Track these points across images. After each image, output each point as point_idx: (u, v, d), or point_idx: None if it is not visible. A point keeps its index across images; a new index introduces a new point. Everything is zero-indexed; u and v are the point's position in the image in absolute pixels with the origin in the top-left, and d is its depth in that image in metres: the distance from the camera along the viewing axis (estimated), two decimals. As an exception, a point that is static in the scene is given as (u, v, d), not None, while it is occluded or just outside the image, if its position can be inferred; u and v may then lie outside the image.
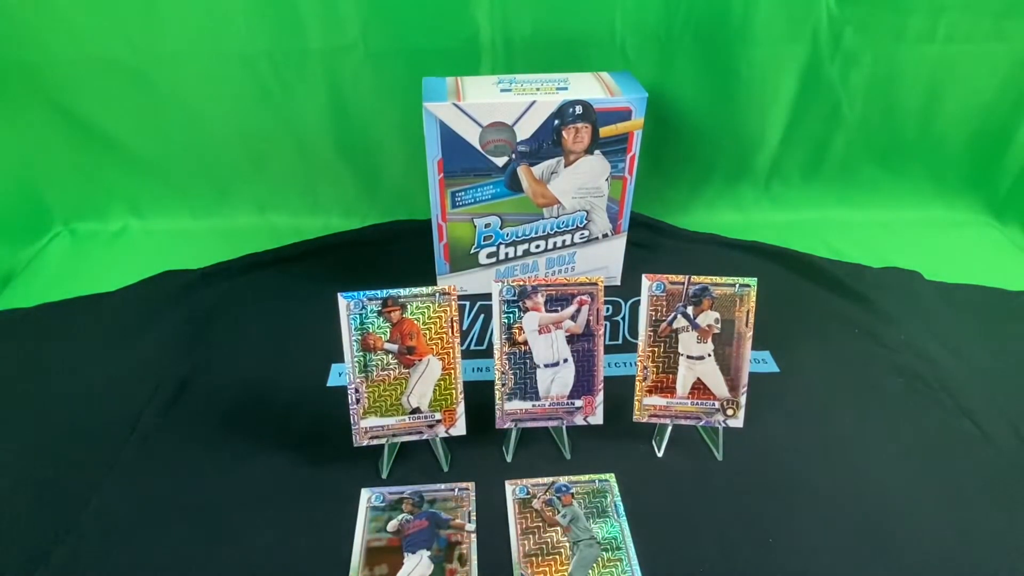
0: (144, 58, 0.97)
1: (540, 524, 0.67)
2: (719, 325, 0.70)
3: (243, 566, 0.63)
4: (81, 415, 0.78)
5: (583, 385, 0.71)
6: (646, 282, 0.70)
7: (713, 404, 0.72)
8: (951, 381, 0.83)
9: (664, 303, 0.70)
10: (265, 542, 0.65)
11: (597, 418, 0.73)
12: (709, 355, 0.71)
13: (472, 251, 0.93)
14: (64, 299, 0.96)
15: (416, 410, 0.69)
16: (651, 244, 1.08)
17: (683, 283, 0.70)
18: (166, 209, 1.14)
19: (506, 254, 0.94)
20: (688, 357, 0.71)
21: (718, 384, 0.71)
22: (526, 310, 0.69)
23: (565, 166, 0.86)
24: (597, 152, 0.86)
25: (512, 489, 0.71)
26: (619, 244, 0.96)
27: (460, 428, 0.71)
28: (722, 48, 1.01)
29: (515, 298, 0.69)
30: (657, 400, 0.73)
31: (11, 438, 0.76)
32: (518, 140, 0.83)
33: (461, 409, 0.70)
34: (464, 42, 0.98)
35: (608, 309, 0.96)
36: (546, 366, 0.71)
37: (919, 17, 0.99)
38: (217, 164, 1.10)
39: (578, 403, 0.72)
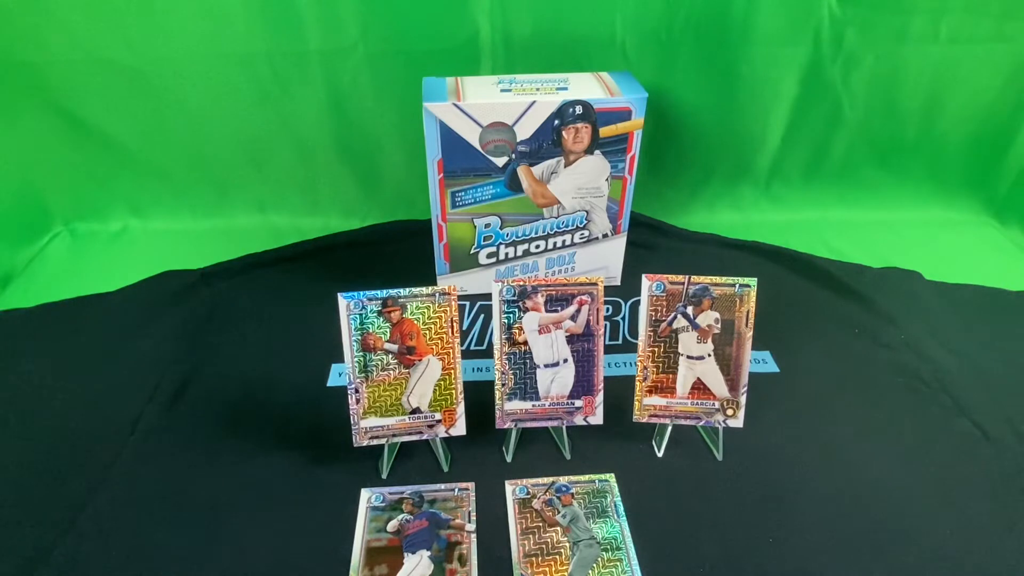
0: (144, 59, 0.97)
1: (540, 524, 0.67)
2: (719, 325, 0.70)
3: (243, 566, 0.63)
4: (81, 415, 0.78)
5: (583, 385, 0.71)
6: (646, 282, 0.70)
7: (713, 404, 0.72)
8: (951, 381, 0.83)
9: (664, 303, 0.70)
10: (265, 542, 0.65)
11: (597, 418, 0.73)
12: (709, 355, 0.71)
13: (472, 251, 0.93)
14: (64, 299, 0.96)
15: (416, 410, 0.69)
16: (651, 244, 1.08)
17: (683, 283, 0.70)
18: (166, 209, 1.14)
19: (506, 254, 0.94)
20: (688, 357, 0.71)
21: (718, 384, 0.71)
22: (526, 310, 0.69)
23: (565, 166, 0.86)
24: (597, 152, 0.86)
25: (512, 489, 0.71)
26: (619, 244, 0.96)
27: (460, 428, 0.71)
28: (723, 48, 1.00)
29: (515, 298, 0.69)
30: (657, 400, 0.73)
31: (11, 438, 0.76)
32: (518, 140, 0.83)
33: (461, 409, 0.70)
34: (464, 42, 0.98)
35: (608, 309, 0.96)
36: (546, 366, 0.71)
37: (921, 18, 0.99)
38: (217, 164, 1.10)
39: (578, 403, 0.72)
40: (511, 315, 0.69)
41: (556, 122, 0.82)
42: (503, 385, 0.71)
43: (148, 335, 0.90)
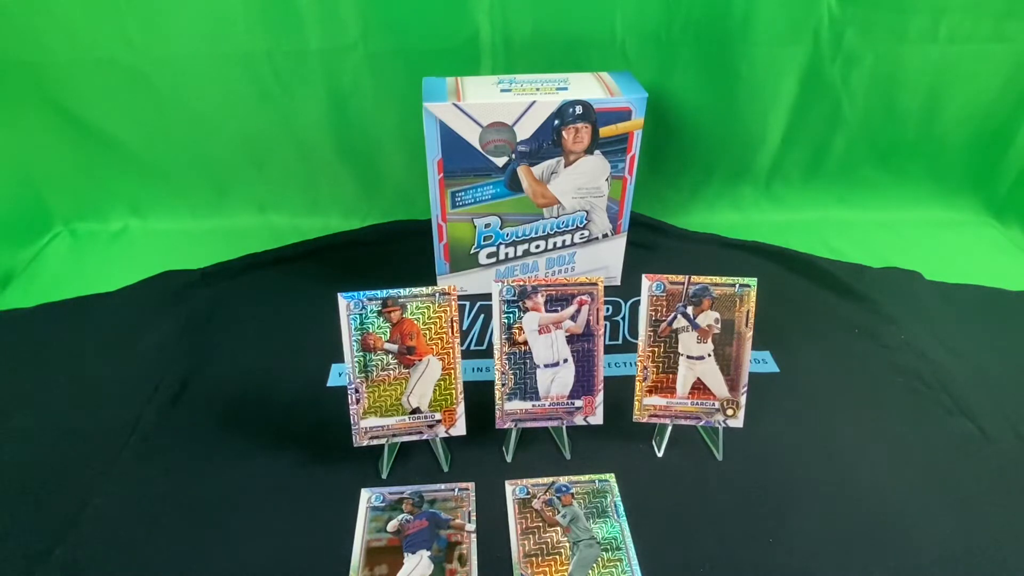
0: (144, 58, 0.97)
1: (540, 524, 0.67)
2: (719, 325, 0.70)
3: (243, 566, 0.63)
4: (81, 415, 0.78)
5: (583, 385, 0.71)
6: (646, 282, 0.70)
7: (713, 404, 0.72)
8: (951, 381, 0.83)
9: (664, 303, 0.70)
10: (265, 542, 0.65)
11: (597, 418, 0.73)
12: (709, 355, 0.71)
13: (472, 251, 0.93)
14: (64, 299, 0.96)
15: (416, 410, 0.69)
16: (651, 244, 1.08)
17: (683, 283, 0.70)
18: (166, 209, 1.14)
19: (506, 254, 0.94)
20: (688, 357, 0.71)
21: (718, 384, 0.71)
22: (526, 310, 0.69)
23: (565, 166, 0.86)
24: (597, 152, 0.86)
25: (512, 489, 0.71)
26: (619, 244, 0.96)
27: (460, 428, 0.71)
28: (723, 48, 1.01)
29: (515, 298, 0.69)
30: (657, 400, 0.73)
31: (11, 438, 0.76)
32: (518, 140, 0.83)
33: (461, 409, 0.70)
34: (464, 42, 0.98)
35: (608, 309, 0.96)
36: (546, 366, 0.71)
37: (920, 18, 0.99)
38: (217, 164, 1.10)
39: (578, 403, 0.72)
40: (511, 315, 0.69)
41: (556, 122, 0.82)
42: (503, 385, 0.71)
43: (148, 335, 0.90)
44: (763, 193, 1.19)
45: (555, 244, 0.94)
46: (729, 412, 0.72)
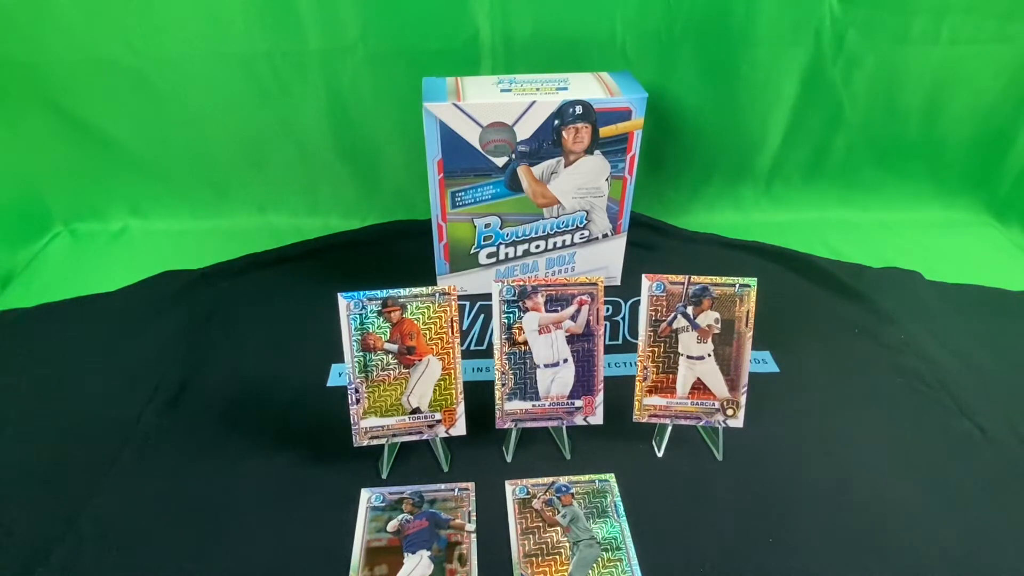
0: (144, 59, 0.98)
1: (540, 524, 0.67)
2: (719, 325, 0.70)
3: (243, 566, 0.63)
4: (81, 415, 0.78)
5: (583, 385, 0.71)
6: (646, 282, 0.70)
7: (713, 404, 0.72)
8: (951, 381, 0.83)
9: (664, 303, 0.70)
10: (265, 542, 0.65)
11: (597, 418, 0.73)
12: (709, 355, 0.71)
13: (472, 251, 0.93)
14: (64, 299, 0.96)
15: (416, 410, 0.69)
16: (651, 244, 1.08)
17: (683, 283, 0.70)
18: (166, 209, 1.14)
19: (506, 254, 0.94)
20: (688, 357, 0.71)
21: (718, 384, 0.71)
22: (526, 310, 0.69)
23: (565, 166, 0.86)
24: (597, 152, 0.86)
25: (512, 489, 0.71)
26: (619, 244, 0.96)
27: (460, 428, 0.71)
28: (723, 49, 1.01)
29: (515, 298, 0.69)
30: (657, 400, 0.73)
31: (11, 438, 0.76)
32: (518, 140, 0.83)
33: (461, 409, 0.70)
34: (464, 42, 0.98)
35: (608, 309, 0.96)
36: (546, 366, 0.71)
37: (922, 19, 0.99)
38: (217, 164, 1.10)
39: (578, 403, 0.72)
40: (511, 315, 0.69)
41: (556, 122, 0.82)
42: (503, 385, 0.71)
43: (148, 335, 0.90)
44: (763, 193, 1.19)
45: (555, 244, 0.94)
46: (729, 412, 0.72)
